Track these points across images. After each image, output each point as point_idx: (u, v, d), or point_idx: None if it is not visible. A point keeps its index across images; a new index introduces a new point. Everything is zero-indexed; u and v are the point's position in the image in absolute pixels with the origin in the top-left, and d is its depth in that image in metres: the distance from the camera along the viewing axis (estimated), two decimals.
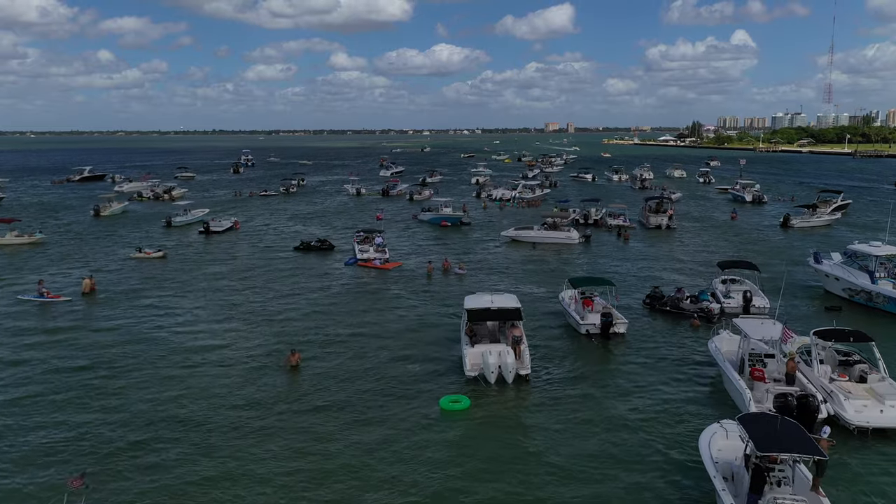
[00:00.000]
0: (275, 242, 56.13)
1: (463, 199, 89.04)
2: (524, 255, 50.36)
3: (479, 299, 28.19)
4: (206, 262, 48.01)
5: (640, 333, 30.61)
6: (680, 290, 35.17)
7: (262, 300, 36.87)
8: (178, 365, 26.91)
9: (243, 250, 52.61)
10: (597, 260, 48.67)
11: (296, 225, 66.71)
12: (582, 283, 32.65)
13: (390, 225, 64.97)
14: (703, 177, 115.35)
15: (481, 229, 63.06)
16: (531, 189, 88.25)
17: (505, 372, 24.28)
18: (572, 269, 45.25)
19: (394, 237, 57.36)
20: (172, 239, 58.46)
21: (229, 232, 61.71)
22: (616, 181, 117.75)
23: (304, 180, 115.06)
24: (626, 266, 46.33)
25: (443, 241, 56.61)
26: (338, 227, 64.68)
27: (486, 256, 49.99)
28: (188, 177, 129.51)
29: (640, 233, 60.43)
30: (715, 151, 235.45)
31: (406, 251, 51.94)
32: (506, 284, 40.75)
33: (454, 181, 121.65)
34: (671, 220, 62.35)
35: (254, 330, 31.54)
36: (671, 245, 54.98)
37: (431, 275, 43.18)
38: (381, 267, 45.80)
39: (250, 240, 57.64)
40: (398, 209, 79.10)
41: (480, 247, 54.02)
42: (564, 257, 50.01)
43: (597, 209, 65.87)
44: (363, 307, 35.66)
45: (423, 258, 48.81)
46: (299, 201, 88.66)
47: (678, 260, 48.38)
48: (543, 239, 54.38)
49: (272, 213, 75.71)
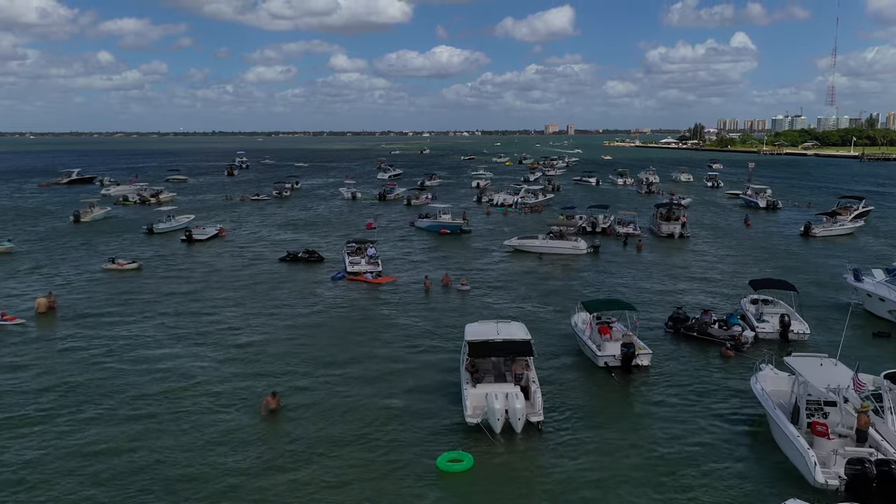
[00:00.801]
0: (261, 252, 52.28)
1: (462, 203, 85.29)
2: (528, 268, 46.53)
3: (483, 328, 24.33)
4: (184, 275, 44.16)
5: (666, 366, 26.74)
6: (706, 311, 31.33)
7: (238, 324, 32.94)
8: (126, 412, 22.96)
9: (225, 261, 48.75)
10: (607, 273, 44.86)
11: (286, 232, 62.87)
12: (598, 306, 28.64)
13: (385, 233, 61.15)
14: (712, 181, 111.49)
15: (482, 238, 59.24)
16: (534, 194, 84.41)
17: (513, 419, 20.45)
18: (581, 284, 41.44)
19: (388, 247, 53.53)
20: (152, 248, 54.63)
21: (214, 240, 57.88)
22: (621, 185, 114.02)
23: (298, 183, 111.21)
24: (640, 280, 42.50)
25: (441, 251, 52.78)
26: (330, 235, 60.86)
27: (488, 269, 46.16)
28: (180, 179, 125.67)
29: (651, 242, 56.61)
30: (717, 154, 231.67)
31: (401, 263, 48.11)
32: (508, 302, 36.96)
33: (454, 184, 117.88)
34: (684, 229, 58.50)
35: (225, 361, 27.63)
36: (686, 256, 51.14)
37: (429, 291, 39.35)
38: (373, 281, 41.98)
39: (235, 249, 53.79)
40: (395, 215, 75.30)
41: (481, 257, 50.18)
42: (572, 270, 46.19)
43: (605, 216, 62.06)
44: (350, 332, 31.77)
45: (419, 271, 45.03)
46: (292, 206, 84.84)
47: (696, 273, 44.53)
48: (549, 249, 50.56)
49: (262, 219, 71.89)
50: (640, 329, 28.97)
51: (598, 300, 30.49)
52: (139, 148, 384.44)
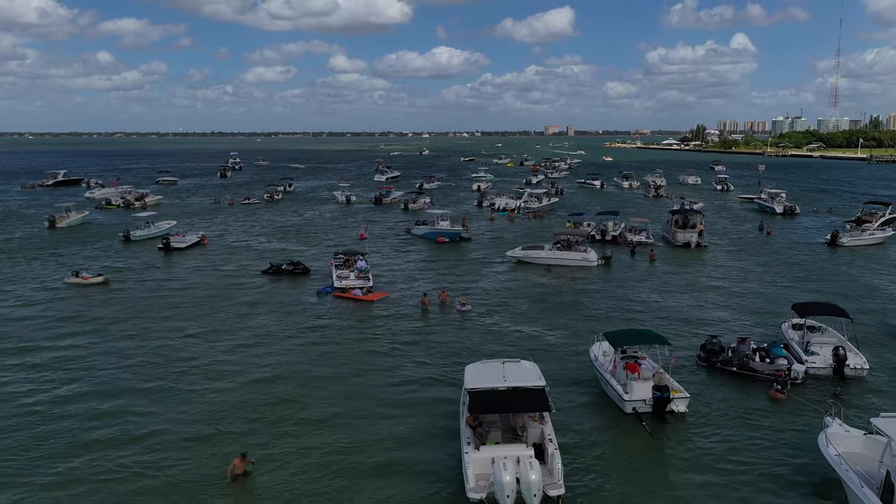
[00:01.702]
0: (243, 263, 48.01)
1: (462, 207, 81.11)
2: (534, 282, 42.27)
3: (486, 372, 20.02)
4: (154, 291, 39.87)
5: (705, 411, 22.46)
6: (744, 340, 27.09)
7: (203, 357, 28.55)
8: (42, 477, 18.76)
9: (202, 275, 44.47)
10: (621, 288, 40.60)
11: (273, 240, 58.58)
12: (623, 339, 24.17)
13: (378, 241, 56.86)
14: (721, 184, 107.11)
15: (483, 246, 54.96)
16: (537, 198, 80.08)
17: (527, 494, 16.21)
18: (593, 302, 37.18)
19: (380, 258, 49.26)
20: (126, 257, 50.39)
21: (195, 248, 53.62)
22: (626, 188, 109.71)
23: (291, 186, 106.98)
24: (658, 297, 38.24)
25: (439, 262, 48.52)
26: (320, 244, 56.58)
27: (490, 283, 41.88)
28: (170, 181, 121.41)
29: (665, 252, 52.32)
30: (721, 156, 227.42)
31: (394, 276, 43.84)
32: (513, 324, 32.74)
33: (453, 187, 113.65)
34: (702, 237, 54.18)
35: (184, 411, 23.31)
36: (705, 268, 46.87)
37: (428, 310, 35.07)
38: (363, 298, 37.71)
39: (215, 259, 49.52)
40: (390, 220, 71.04)
41: (482, 270, 45.91)
42: (582, 284, 41.94)
43: (615, 223, 57.77)
44: (333, 364, 27.50)
45: (414, 285, 40.80)
46: (283, 210, 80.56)
47: (720, 290, 40.25)
48: (556, 260, 46.31)
49: (250, 225, 67.59)
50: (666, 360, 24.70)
51: (624, 332, 25.59)
52: (137, 148, 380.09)
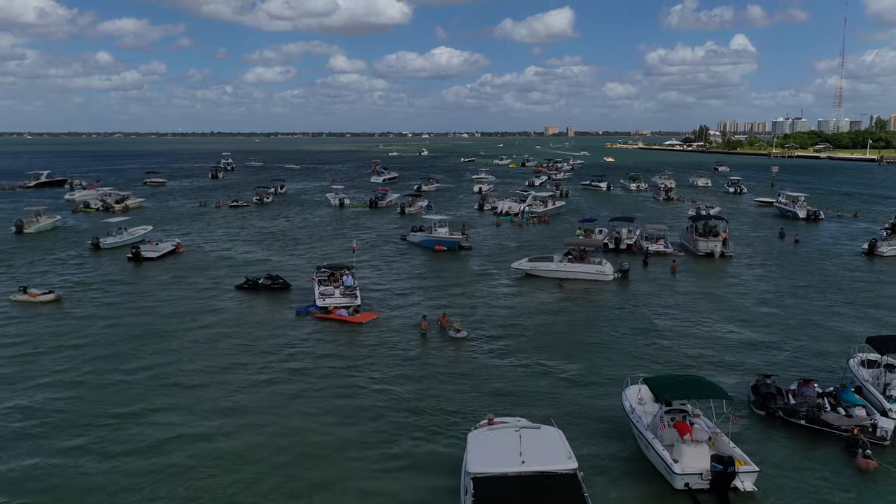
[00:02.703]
0: (219, 275, 43.11)
1: (460, 212, 76.19)
2: (542, 301, 37.35)
3: (496, 446, 15.07)
4: (111, 310, 34.98)
5: (774, 485, 17.53)
6: (807, 382, 22.20)
7: (142, 400, 23.53)
8: None
9: (171, 289, 39.54)
10: (642, 307, 35.72)
11: (257, 248, 53.65)
12: (668, 389, 18.82)
13: (371, 249, 51.97)
14: (734, 186, 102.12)
15: (485, 256, 50.03)
16: (542, 201, 75.06)
17: None
18: (612, 327, 32.30)
19: (371, 271, 44.37)
20: (91, 268, 45.54)
21: (169, 258, 48.75)
22: (634, 190, 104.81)
23: (283, 187, 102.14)
24: (686, 320, 33.36)
25: (435, 275, 43.61)
26: (309, 252, 51.69)
27: (492, 302, 36.94)
28: (157, 183, 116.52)
29: (686, 262, 47.40)
30: (725, 157, 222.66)
31: (386, 292, 38.91)
32: (519, 355, 27.86)
33: (453, 189, 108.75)
34: (726, 247, 49.24)
35: (101, 476, 18.43)
36: (734, 283, 41.93)
37: (426, 336, 30.16)
38: (349, 320, 32.81)
39: (189, 271, 44.64)
40: (385, 226, 66.16)
41: (484, 285, 40.98)
42: (597, 303, 37.05)
43: (629, 230, 52.87)
44: (307, 412, 22.60)
45: (407, 303, 35.93)
46: (272, 214, 75.65)
47: (756, 310, 35.31)
48: (568, 274, 41.42)
49: (235, 230, 62.65)
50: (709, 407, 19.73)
51: (669, 379, 20.00)
52: (134, 149, 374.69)
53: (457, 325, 30.42)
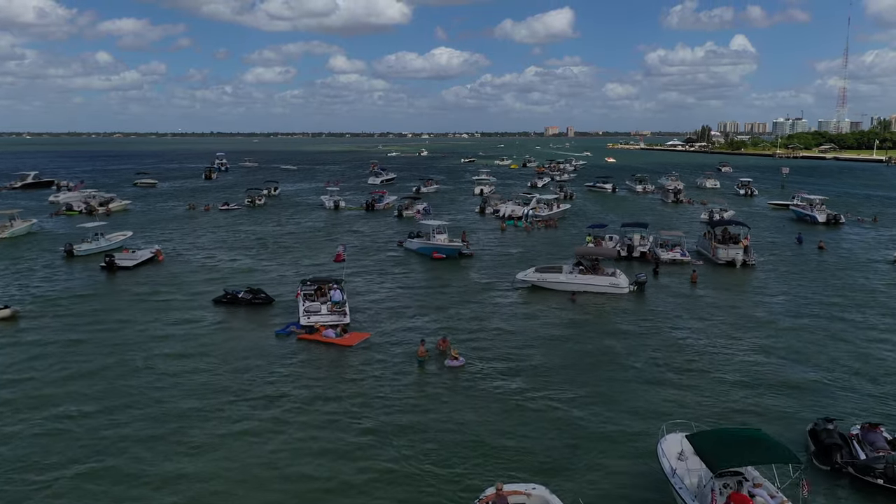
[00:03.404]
0: (198, 287, 39.49)
1: (460, 216, 72.60)
2: (551, 318, 33.71)
3: None
4: (70, 330, 31.36)
5: None
6: (873, 427, 18.68)
7: (89, 460, 20.11)
8: None
9: (143, 305, 35.89)
10: (662, 325, 32.15)
11: (243, 255, 50.03)
12: (720, 453, 14.80)
13: (364, 257, 48.34)
14: (744, 188, 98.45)
15: (488, 265, 46.40)
16: (547, 204, 71.37)
17: None
18: (631, 351, 28.72)
19: (363, 281, 40.74)
20: (60, 279, 41.95)
21: (147, 266, 45.16)
22: (640, 192, 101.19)
23: (276, 189, 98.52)
24: (714, 342, 29.77)
25: (433, 288, 39.98)
26: (297, 262, 48.09)
27: (495, 320, 33.29)
28: (148, 184, 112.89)
29: (706, 272, 43.75)
30: (729, 157, 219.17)
31: (379, 307, 35.26)
32: (527, 388, 24.24)
33: (453, 191, 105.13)
34: (748, 255, 45.60)
35: None
36: (761, 297, 38.27)
37: (424, 364, 26.53)
38: (336, 342, 29.19)
39: (166, 282, 41.03)
40: (381, 230, 62.56)
41: (486, 299, 37.32)
42: (611, 319, 33.43)
43: (642, 236, 49.26)
44: (280, 472, 19.00)
45: (401, 321, 32.32)
46: (264, 218, 72.03)
47: (792, 331, 31.67)
48: (579, 286, 37.80)
49: (223, 236, 59.00)
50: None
51: (717, 437, 15.64)
52: (132, 149, 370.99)
53: (453, 353, 26.69)
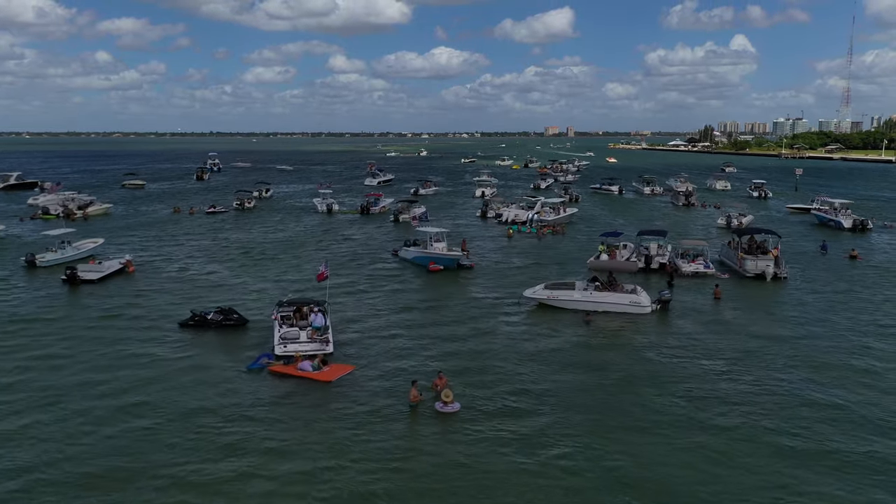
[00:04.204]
0: (166, 306, 35.17)
1: (460, 221, 68.29)
2: (565, 346, 29.38)
3: None
4: (5, 361, 27.02)
5: None
6: None
7: None
8: None
9: (99, 328, 31.53)
10: (690, 351, 27.89)
11: (222, 267, 45.70)
12: None
13: (356, 269, 44.01)
14: (758, 190, 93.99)
15: (490, 278, 42.04)
16: (553, 208, 66.97)
17: None
18: (661, 390, 24.46)
19: (351, 300, 36.34)
20: (15, 294, 37.64)
21: (114, 279, 40.88)
22: (648, 195, 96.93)
23: (268, 191, 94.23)
24: (755, 373, 25.47)
25: (429, 305, 35.62)
26: (281, 276, 43.79)
27: (499, 348, 28.91)
28: (136, 185, 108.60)
29: (733, 286, 39.44)
30: (733, 158, 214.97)
31: (366, 331, 30.90)
32: (534, 445, 19.92)
33: (452, 193, 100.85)
34: (779, 267, 41.24)
35: None
36: (797, 317, 33.89)
37: (416, 408, 22.19)
38: (315, 377, 24.88)
39: (133, 298, 36.72)
40: (375, 236, 58.23)
41: (489, 319, 32.95)
42: (634, 346, 29.10)
43: (660, 245, 44.94)
44: None
45: (391, 348, 28.00)
46: (251, 223, 67.74)
47: (844, 362, 27.37)
48: (595, 305, 33.46)
49: (205, 244, 54.64)
50: None
51: None
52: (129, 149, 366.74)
53: (446, 395, 22.10)
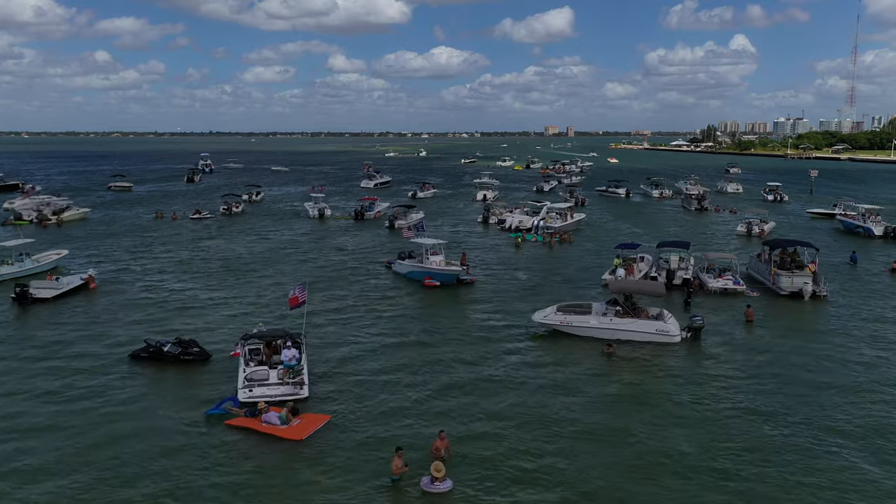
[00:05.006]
0: (122, 330, 30.69)
1: (460, 228, 63.77)
2: (583, 387, 24.87)
3: None
4: None
5: None
6: None
7: None
8: None
9: (35, 362, 27.00)
10: (729, 390, 23.41)
11: (195, 283, 41.17)
12: None
13: (340, 285, 39.40)
14: (773, 193, 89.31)
15: (493, 296, 37.47)
16: (560, 214, 62.30)
17: None
18: (693, 440, 19.96)
19: (333, 323, 31.75)
20: None
21: (72, 296, 36.40)
22: (657, 198, 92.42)
23: (259, 194, 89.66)
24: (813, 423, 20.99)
25: (423, 330, 31.07)
26: (262, 294, 39.29)
27: (504, 388, 24.43)
28: (123, 187, 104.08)
29: (766, 306, 34.91)
30: (737, 158, 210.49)
31: (349, 363, 26.38)
32: None
33: (452, 196, 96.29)
34: (818, 284, 36.63)
35: None
36: (846, 344, 29.34)
37: (400, 480, 17.70)
38: (282, 434, 20.36)
39: (86, 320, 32.27)
40: (367, 245, 53.70)
41: (491, 352, 28.37)
42: (667, 388, 24.60)
43: (681, 258, 40.39)
44: None
45: (376, 387, 23.49)
46: (237, 230, 63.19)
47: None
48: (616, 334, 28.95)
49: (184, 253, 50.10)
50: None
51: None
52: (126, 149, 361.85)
53: (437, 469, 17.28)
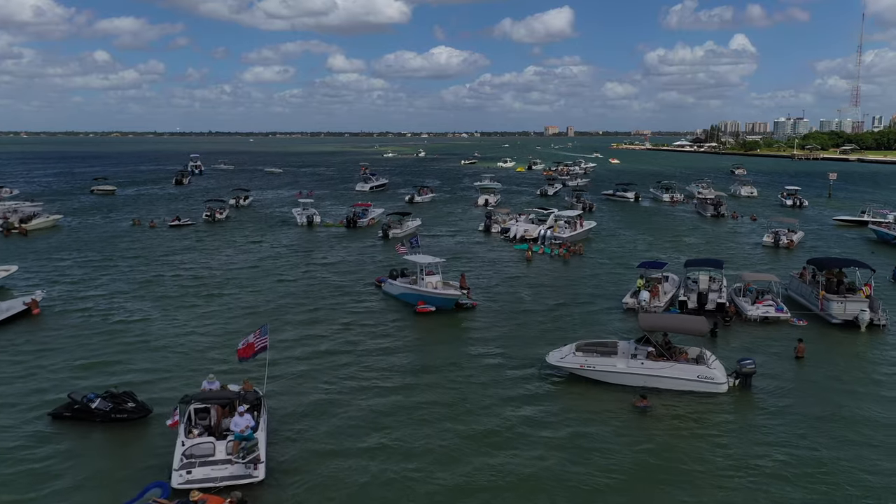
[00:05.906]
0: (52, 374, 25.59)
1: (459, 237, 58.56)
2: (615, 456, 19.79)
3: None
4: None
5: None
6: None
7: None
8: None
9: None
10: (807, 463, 18.36)
11: (156, 308, 35.95)
12: None
13: (320, 310, 34.16)
14: (792, 197, 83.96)
15: (497, 324, 32.29)
16: (569, 223, 56.95)
17: None
18: None
19: (304, 361, 26.49)
20: None
21: (10, 325, 31.35)
22: (669, 202, 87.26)
23: (247, 199, 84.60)
24: None
25: (413, 373, 25.89)
26: (225, 323, 34.20)
27: (513, 460, 19.33)
28: (106, 191, 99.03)
29: (815, 338, 29.77)
30: (742, 159, 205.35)
31: (320, 420, 21.23)
32: None
33: (451, 200, 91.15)
34: (876, 311, 31.35)
35: None
36: None
37: None
38: None
39: (14, 359, 27.16)
40: (356, 258, 48.55)
41: (497, 403, 23.20)
42: (716, 458, 19.51)
43: (712, 278, 35.18)
44: None
45: (351, 458, 18.38)
46: (218, 239, 58.03)
47: None
48: (647, 381, 23.83)
49: (153, 268, 44.97)
50: None
51: None
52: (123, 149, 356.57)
53: None
